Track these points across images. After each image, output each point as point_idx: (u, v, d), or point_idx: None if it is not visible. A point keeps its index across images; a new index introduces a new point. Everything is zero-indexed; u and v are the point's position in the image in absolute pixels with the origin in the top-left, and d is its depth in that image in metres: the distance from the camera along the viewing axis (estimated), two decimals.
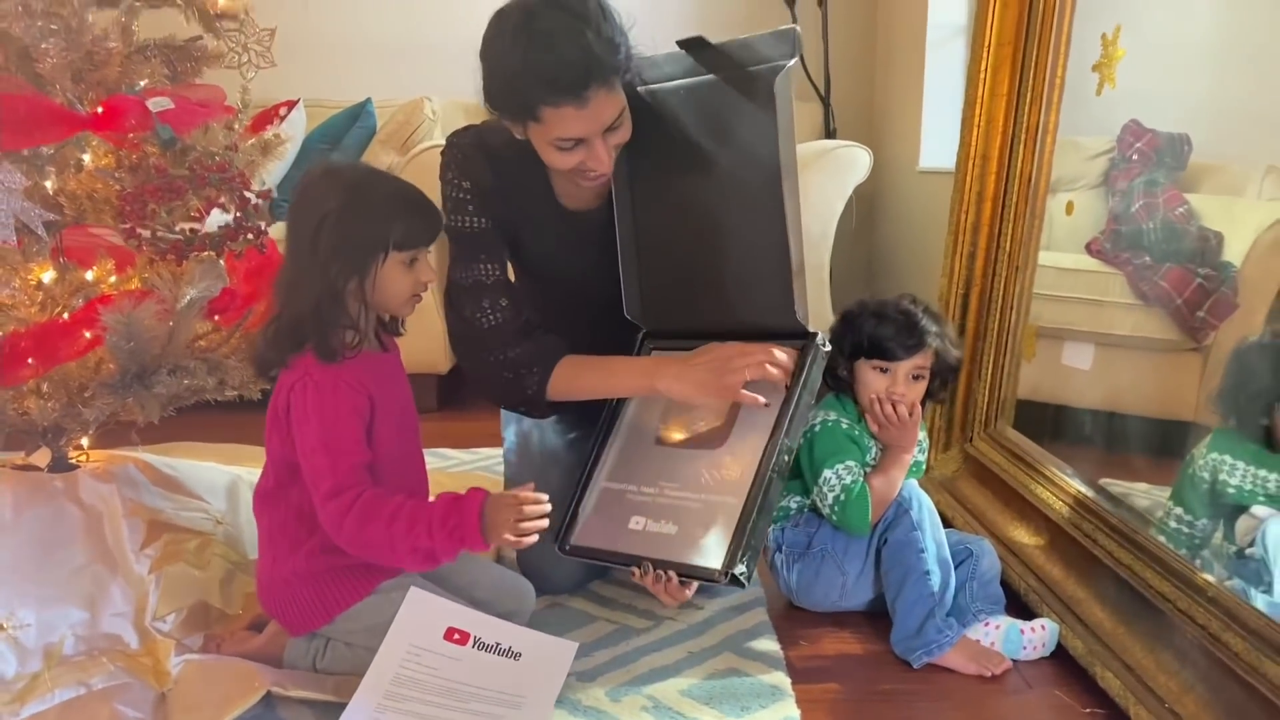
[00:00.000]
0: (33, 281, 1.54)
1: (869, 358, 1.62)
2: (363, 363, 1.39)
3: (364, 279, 1.36)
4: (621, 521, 1.52)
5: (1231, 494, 1.44)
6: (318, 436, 1.34)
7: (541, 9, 1.37)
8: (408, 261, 1.39)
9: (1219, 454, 1.48)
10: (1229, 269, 1.69)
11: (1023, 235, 2.01)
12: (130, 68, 1.61)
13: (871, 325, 1.62)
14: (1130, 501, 1.64)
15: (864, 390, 1.64)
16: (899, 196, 3.25)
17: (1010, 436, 1.99)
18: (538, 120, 1.41)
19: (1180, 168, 1.88)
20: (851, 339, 1.63)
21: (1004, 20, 2.00)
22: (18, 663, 1.38)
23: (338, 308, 1.36)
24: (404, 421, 1.48)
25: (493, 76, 1.42)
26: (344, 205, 1.34)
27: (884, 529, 1.59)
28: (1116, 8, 1.77)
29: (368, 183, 1.39)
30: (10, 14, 1.44)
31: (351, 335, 1.38)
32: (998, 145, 2.05)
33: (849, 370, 1.65)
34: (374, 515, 1.30)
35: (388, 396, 1.42)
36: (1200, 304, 1.73)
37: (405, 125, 3.00)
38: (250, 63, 1.85)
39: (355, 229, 1.35)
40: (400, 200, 1.39)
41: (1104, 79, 1.75)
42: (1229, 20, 1.70)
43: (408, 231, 1.37)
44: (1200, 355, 1.71)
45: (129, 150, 1.55)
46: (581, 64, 1.36)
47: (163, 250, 1.54)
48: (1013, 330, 2.04)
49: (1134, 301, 1.88)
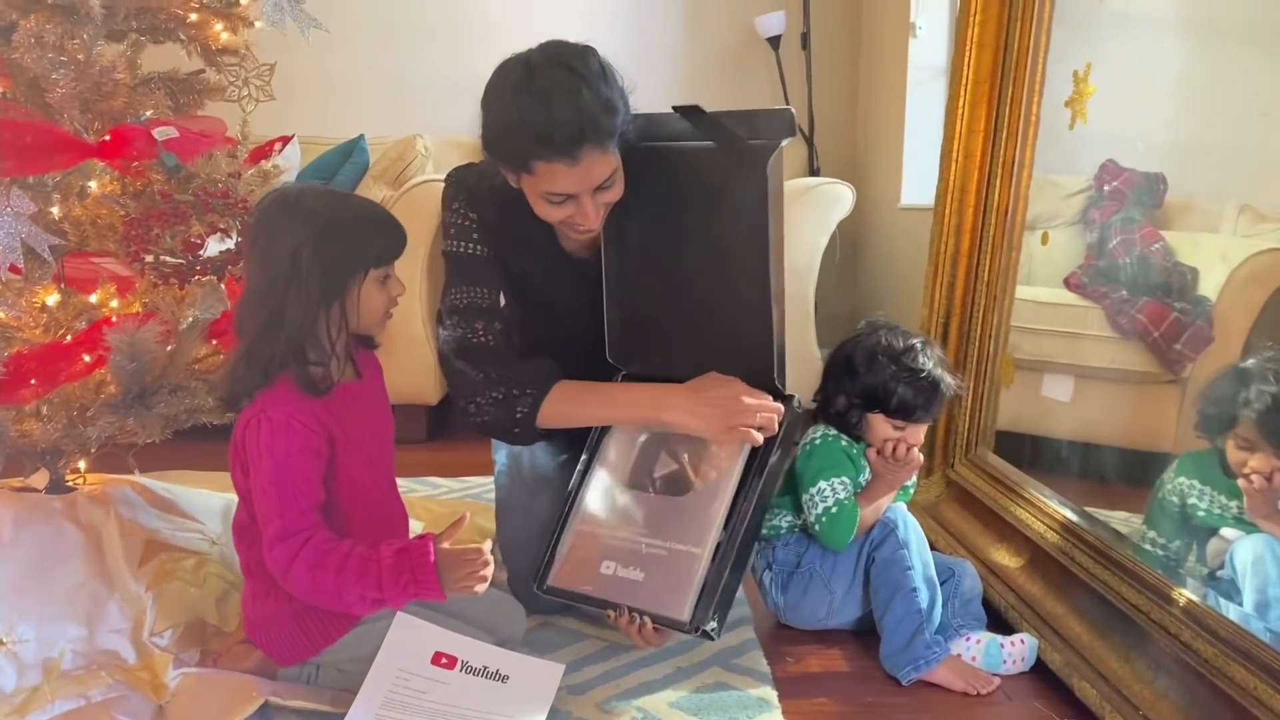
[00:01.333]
0: (37, 304, 1.58)
1: (890, 415, 1.64)
2: (330, 396, 1.38)
3: (345, 301, 1.36)
4: (594, 565, 1.54)
5: (1201, 517, 1.48)
6: (269, 475, 1.33)
7: (543, 66, 1.40)
8: (382, 278, 1.40)
9: (1186, 479, 1.52)
10: (1204, 303, 1.74)
11: (1000, 266, 2.07)
12: (136, 99, 1.66)
13: (896, 387, 1.62)
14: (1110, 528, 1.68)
15: (873, 437, 1.66)
16: (881, 232, 3.32)
17: (991, 461, 2.04)
18: (530, 172, 1.43)
19: (1156, 205, 1.93)
20: (868, 394, 1.64)
21: (980, 60, 2.07)
22: (17, 676, 1.40)
23: (314, 335, 1.35)
24: (378, 450, 1.47)
25: (490, 125, 1.45)
26: (320, 231, 1.33)
27: (871, 549, 1.63)
28: (1087, 46, 1.85)
29: (337, 205, 1.38)
30: (23, 45, 1.48)
31: (333, 364, 1.37)
32: (975, 179, 2.11)
33: (859, 418, 1.66)
34: (323, 564, 1.29)
35: (357, 428, 1.41)
36: (1177, 337, 1.78)
37: (398, 161, 3.05)
38: (250, 96, 1.90)
39: (335, 252, 1.34)
40: (371, 219, 1.40)
41: (1076, 114, 1.82)
42: (1197, 60, 1.77)
43: (384, 247, 1.39)
44: (1178, 387, 1.76)
45: (134, 178, 1.59)
46: (576, 124, 1.38)
47: (165, 274, 1.58)
48: (992, 359, 2.09)
49: (1112, 335, 1.93)
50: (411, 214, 2.72)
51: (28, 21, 1.50)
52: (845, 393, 1.66)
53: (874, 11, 3.46)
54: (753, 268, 1.49)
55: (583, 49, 1.44)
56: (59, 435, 1.59)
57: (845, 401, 1.67)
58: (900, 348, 1.64)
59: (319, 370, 1.35)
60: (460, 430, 2.83)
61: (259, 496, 1.34)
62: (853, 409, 1.66)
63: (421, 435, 2.87)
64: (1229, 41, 1.71)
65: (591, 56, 1.43)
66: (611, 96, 1.43)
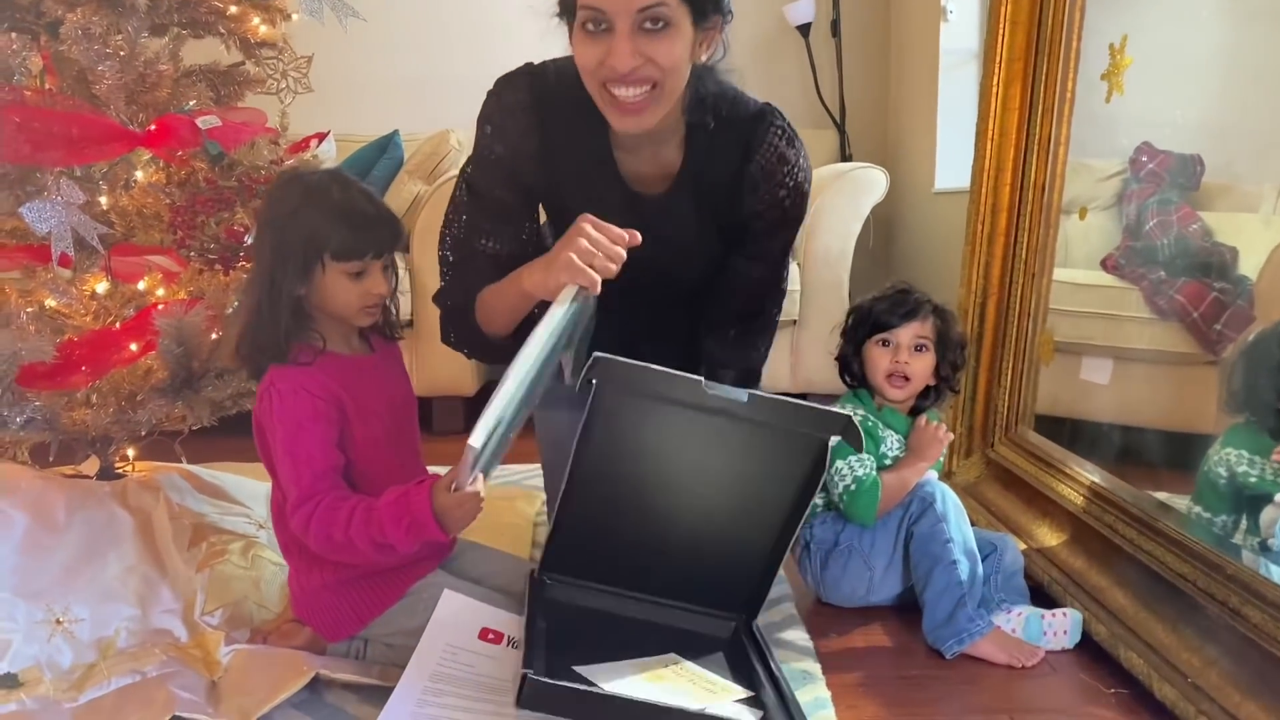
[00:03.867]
0: (87, 292, 1.61)
1: (871, 334, 1.70)
2: (334, 367, 1.39)
3: (304, 285, 1.36)
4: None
5: (1254, 484, 1.47)
6: (283, 444, 1.34)
7: None
8: (352, 273, 1.37)
9: (1234, 449, 1.51)
10: (1245, 283, 1.73)
11: (1037, 244, 2.06)
12: (179, 90, 1.70)
13: (870, 304, 1.72)
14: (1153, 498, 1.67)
15: (874, 370, 1.70)
16: (915, 217, 3.31)
17: (1031, 439, 2.03)
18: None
19: (1193, 187, 1.92)
20: (856, 327, 1.73)
21: (1014, 37, 2.06)
22: (74, 655, 1.43)
23: (281, 311, 1.34)
24: (393, 421, 1.46)
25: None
26: (290, 212, 1.35)
27: (910, 523, 1.63)
28: (1122, 17, 1.84)
29: (318, 191, 1.37)
30: (70, 38, 1.52)
31: (314, 338, 1.38)
32: (1011, 157, 2.10)
33: (859, 360, 1.72)
34: (333, 521, 1.31)
35: (369, 399, 1.41)
36: (1217, 317, 1.77)
37: (432, 156, 3.08)
38: (288, 89, 1.94)
39: (294, 236, 1.34)
40: (342, 212, 1.35)
41: (1112, 87, 1.81)
42: (1236, 37, 1.76)
43: (343, 244, 1.35)
44: (1218, 368, 1.75)
45: (179, 166, 1.62)
46: None
47: (210, 261, 1.61)
48: (1030, 337, 2.08)
49: (1150, 316, 1.92)
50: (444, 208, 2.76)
51: (74, 15, 1.53)
52: (847, 341, 1.75)
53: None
54: (764, 517, 1.43)
55: None
56: (109, 421, 1.62)
57: (846, 346, 1.75)
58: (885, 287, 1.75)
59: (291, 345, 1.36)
60: None
61: (278, 465, 1.37)
62: (852, 355, 1.73)
63: (459, 426, 2.89)
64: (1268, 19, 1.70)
65: None
66: None
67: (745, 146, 1.50)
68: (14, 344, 1.45)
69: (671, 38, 1.32)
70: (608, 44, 1.31)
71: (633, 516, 1.42)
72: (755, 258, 1.59)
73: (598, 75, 1.35)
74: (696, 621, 1.46)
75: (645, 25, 1.30)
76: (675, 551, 1.44)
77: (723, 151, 1.50)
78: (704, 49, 1.40)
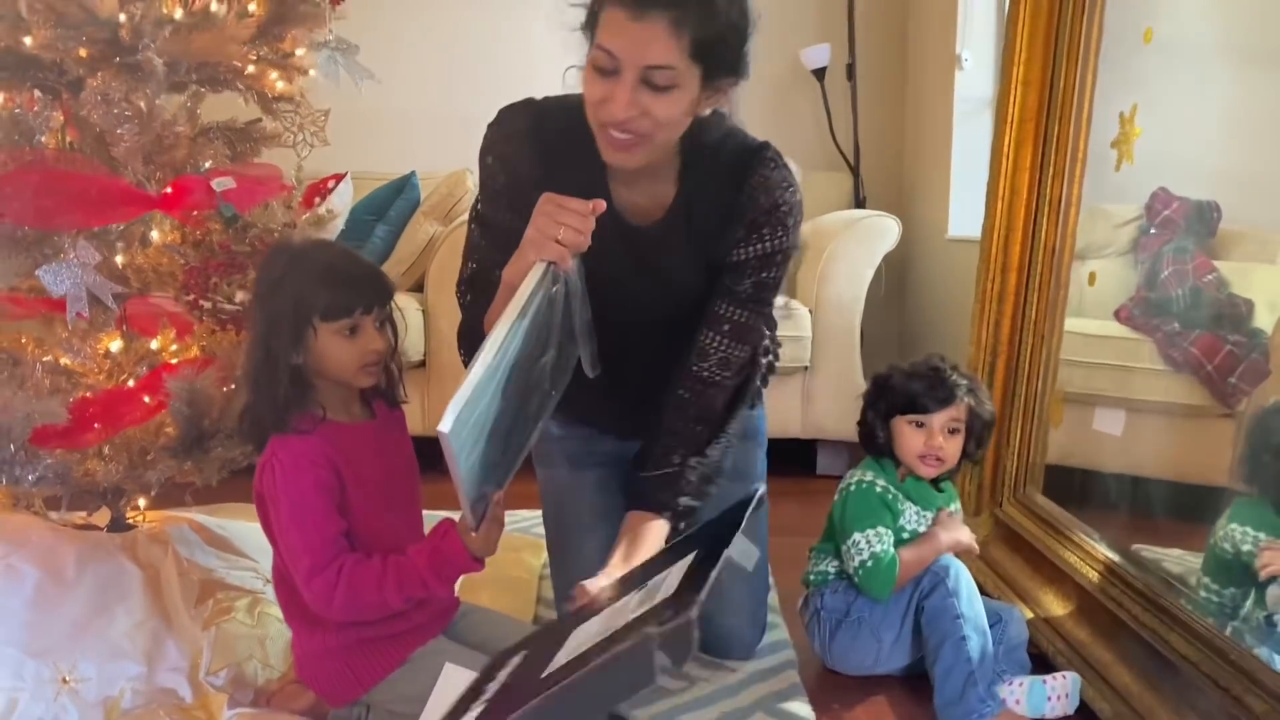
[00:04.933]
0: (101, 350, 1.63)
1: (904, 413, 1.68)
2: (334, 435, 1.40)
3: (299, 351, 1.37)
4: None
5: (1253, 562, 1.46)
6: (289, 515, 1.36)
7: None
8: (345, 331, 1.38)
9: (1239, 525, 1.50)
10: (1260, 335, 1.72)
11: (1047, 304, 2.06)
12: (195, 149, 1.72)
13: (904, 382, 1.68)
14: (1163, 567, 1.66)
15: (904, 448, 1.68)
16: (929, 263, 3.31)
17: (1039, 502, 2.02)
18: (596, 28, 1.34)
19: (1210, 234, 1.91)
20: (886, 400, 1.70)
21: (1026, 98, 2.07)
22: (79, 715, 1.45)
23: (279, 380, 1.36)
24: (391, 489, 1.47)
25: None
26: (278, 279, 1.38)
27: (921, 597, 1.62)
28: (1133, 87, 1.84)
29: (301, 257, 1.40)
30: (89, 103, 1.54)
31: (315, 408, 1.39)
32: (1022, 217, 2.11)
33: (886, 432, 1.70)
34: (362, 585, 1.34)
35: (363, 466, 1.42)
36: (1231, 370, 1.76)
37: (448, 197, 3.10)
38: (305, 141, 1.96)
39: (283, 302, 1.36)
40: (327, 272, 1.38)
41: (1122, 155, 1.82)
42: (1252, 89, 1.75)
43: (332, 303, 1.36)
44: (1234, 421, 1.74)
45: (193, 227, 1.64)
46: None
47: (223, 321, 1.63)
48: (1039, 397, 2.08)
49: (1164, 368, 1.92)
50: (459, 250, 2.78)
51: (95, 80, 1.56)
52: (875, 412, 1.71)
53: (919, 43, 3.46)
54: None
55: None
56: (120, 476, 1.64)
57: (872, 417, 1.72)
58: (922, 359, 1.72)
59: (292, 414, 1.38)
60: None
61: (282, 537, 1.38)
62: (878, 427, 1.70)
63: None
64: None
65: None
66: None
67: (738, 178, 1.49)
68: (28, 405, 1.48)
69: (673, 99, 1.34)
70: (612, 87, 1.32)
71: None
72: (736, 297, 1.54)
73: (596, 114, 1.37)
74: None
75: (649, 81, 1.32)
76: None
77: (716, 184, 1.50)
78: (709, 104, 1.41)
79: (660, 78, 1.31)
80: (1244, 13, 1.81)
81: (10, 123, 1.59)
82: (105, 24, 1.53)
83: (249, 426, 1.41)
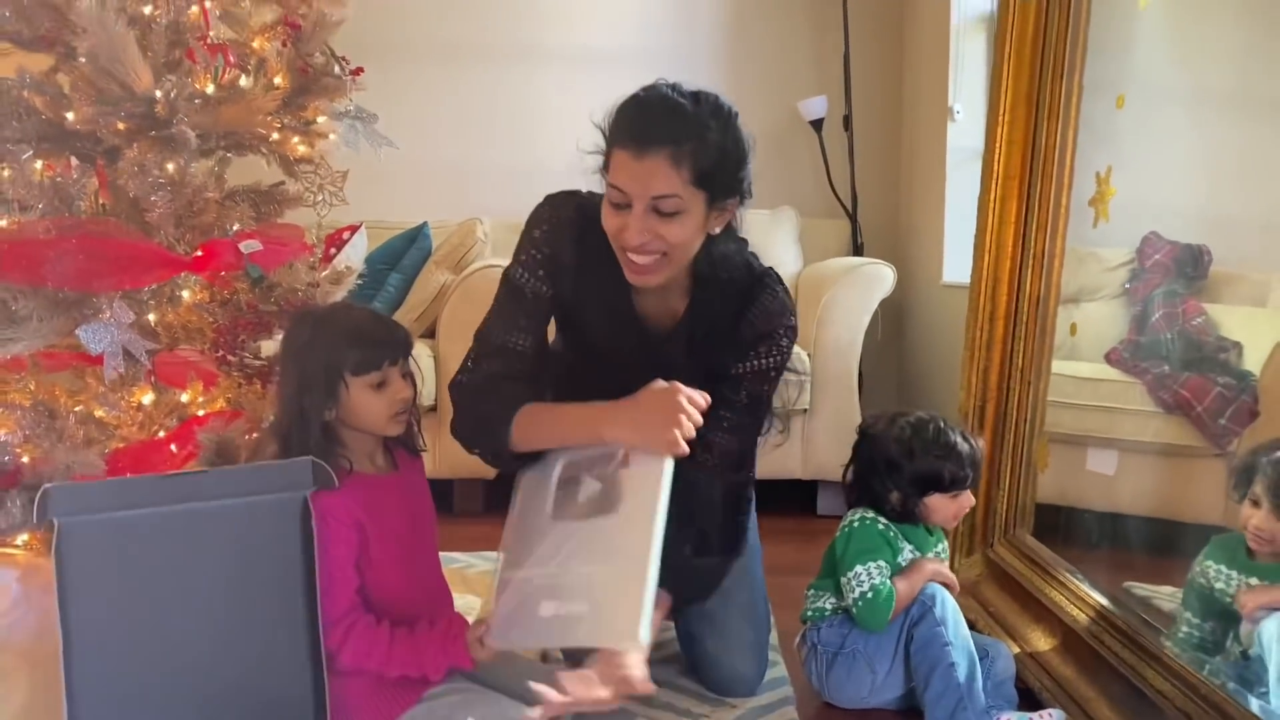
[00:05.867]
0: (134, 403, 1.73)
1: (946, 491, 1.76)
2: (359, 487, 1.49)
3: (331, 406, 1.48)
4: (532, 609, 1.41)
5: (1229, 603, 1.52)
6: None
7: (684, 89, 1.49)
8: (374, 385, 1.48)
9: (1212, 562, 1.57)
10: (1248, 378, 1.79)
11: (1033, 351, 2.14)
12: (224, 213, 1.82)
13: (943, 466, 1.75)
14: (1153, 605, 1.72)
15: (940, 516, 1.78)
16: (925, 308, 3.40)
17: (1029, 543, 2.10)
18: (609, 169, 1.50)
19: (1201, 277, 1.98)
20: (925, 478, 1.75)
21: (1010, 156, 2.17)
22: None
23: (311, 436, 1.46)
24: (412, 536, 1.56)
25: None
26: (306, 341, 1.49)
27: (910, 626, 1.70)
28: (1107, 149, 1.93)
29: (330, 317, 1.53)
30: (126, 172, 1.65)
31: (343, 462, 1.48)
32: (1008, 268, 2.20)
33: (919, 504, 1.77)
34: (372, 646, 1.44)
35: (387, 517, 1.51)
36: (1221, 412, 1.82)
37: (459, 247, 3.21)
38: (325, 201, 2.06)
39: (314, 364, 1.47)
40: (354, 331, 1.49)
41: (1099, 214, 1.91)
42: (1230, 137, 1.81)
43: (362, 359, 1.47)
44: (1225, 461, 1.81)
45: (222, 287, 1.74)
46: (656, 121, 1.45)
47: (249, 375, 1.73)
48: (1027, 441, 2.16)
49: (1155, 409, 1.98)
50: (470, 299, 2.88)
51: (131, 151, 1.66)
52: (897, 488, 1.77)
53: (913, 96, 3.57)
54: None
55: (726, 101, 1.51)
56: None
57: (900, 496, 1.77)
58: (929, 433, 1.76)
59: (341, 463, 1.48)
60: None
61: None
62: (909, 499, 1.76)
63: (478, 508, 2.96)
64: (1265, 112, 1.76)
65: (724, 101, 1.51)
66: (718, 133, 1.47)
67: (743, 299, 1.64)
68: (67, 456, 1.57)
69: (681, 222, 1.49)
70: (626, 218, 1.48)
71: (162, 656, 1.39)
72: (732, 406, 1.64)
73: (616, 241, 1.53)
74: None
75: (658, 209, 1.47)
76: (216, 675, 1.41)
77: (721, 304, 1.64)
78: (717, 224, 1.56)
79: (666, 205, 1.47)
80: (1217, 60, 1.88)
81: (51, 190, 1.69)
82: (142, 99, 1.63)
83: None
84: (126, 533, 1.37)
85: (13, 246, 1.61)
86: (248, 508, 1.42)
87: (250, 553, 1.42)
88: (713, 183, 1.49)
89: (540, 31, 3.68)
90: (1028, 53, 2.13)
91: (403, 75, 3.59)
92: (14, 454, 1.62)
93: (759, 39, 3.68)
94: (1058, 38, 2.07)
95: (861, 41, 3.59)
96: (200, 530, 1.40)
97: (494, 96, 3.69)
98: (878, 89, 3.67)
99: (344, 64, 1.90)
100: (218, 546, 1.41)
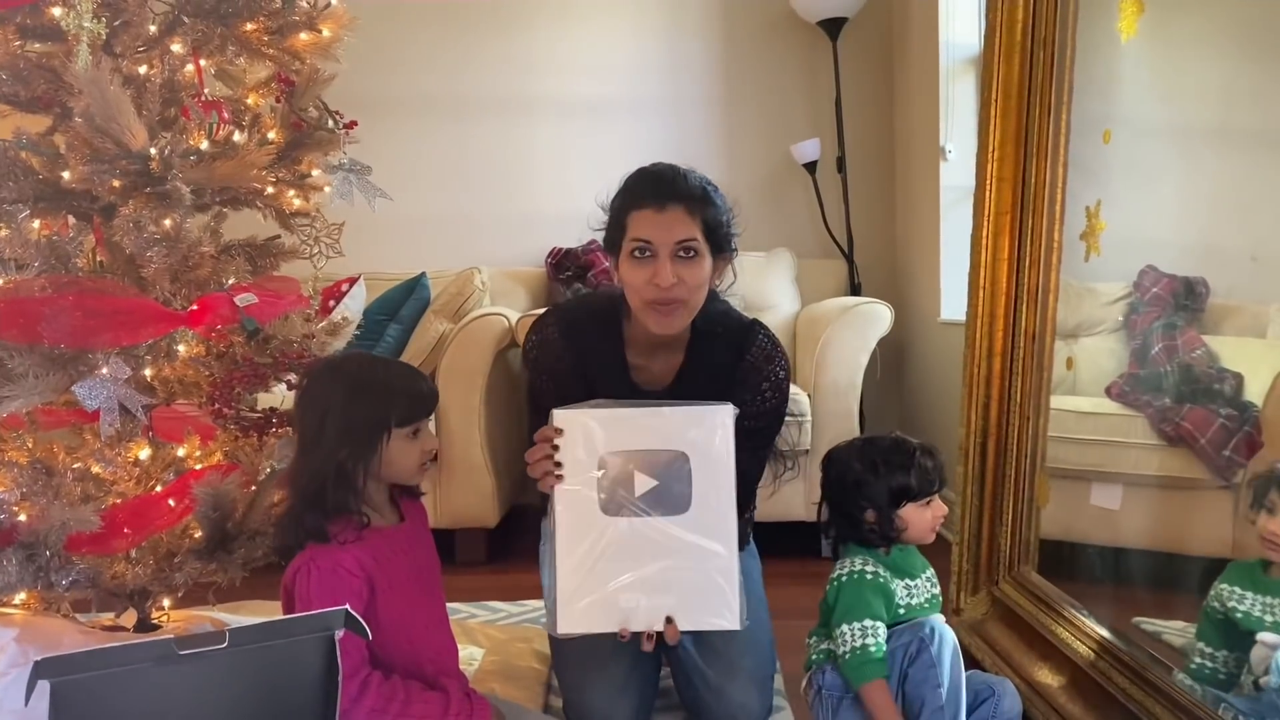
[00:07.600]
0: (130, 459, 1.73)
1: (916, 500, 1.71)
2: (372, 540, 1.50)
3: (372, 458, 1.50)
4: (612, 602, 1.51)
5: (1240, 619, 1.50)
6: None
7: (659, 164, 1.72)
8: (411, 434, 1.53)
9: (1229, 585, 1.55)
10: (1250, 409, 1.79)
11: (1030, 387, 2.14)
12: (219, 267, 1.83)
13: (905, 473, 1.70)
14: (1163, 640, 1.70)
15: (918, 529, 1.72)
16: (923, 346, 3.41)
17: (1034, 580, 2.08)
18: (624, 231, 1.67)
19: (1199, 309, 1.98)
20: (895, 489, 1.71)
21: (1001, 193, 2.19)
22: None
23: (347, 488, 1.48)
24: (418, 583, 1.57)
25: (608, 211, 1.73)
26: (347, 395, 1.49)
27: (907, 663, 1.68)
28: (1096, 184, 1.95)
29: (367, 371, 1.54)
30: (121, 229, 1.66)
31: (361, 517, 1.49)
32: (1003, 304, 2.20)
33: (894, 519, 1.71)
34: (384, 710, 1.44)
35: (396, 567, 1.52)
36: (1224, 443, 1.81)
37: (457, 296, 3.22)
38: (320, 253, 2.07)
39: (359, 414, 1.49)
40: (397, 384, 1.53)
41: (1090, 248, 1.92)
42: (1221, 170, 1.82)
43: (406, 410, 1.52)
44: (1231, 492, 1.79)
45: (217, 340, 1.75)
46: (669, 183, 1.67)
47: (246, 428, 1.73)
48: (1029, 476, 2.15)
49: (1157, 442, 1.97)
50: (469, 347, 2.90)
51: (127, 208, 1.68)
52: (871, 504, 1.72)
53: (905, 136, 3.61)
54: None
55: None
56: (148, 578, 1.72)
57: (875, 513, 1.72)
58: (885, 444, 1.74)
59: (339, 524, 1.48)
60: (520, 554, 2.93)
61: None
62: (883, 515, 1.72)
63: (481, 558, 2.96)
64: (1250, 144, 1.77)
65: (705, 179, 1.72)
66: (709, 193, 1.69)
67: (738, 349, 1.80)
68: (63, 514, 1.57)
69: (698, 264, 1.67)
70: (653, 267, 1.65)
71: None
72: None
73: (644, 293, 1.67)
74: None
75: (679, 254, 1.65)
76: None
77: (718, 354, 1.78)
78: (719, 275, 1.76)
79: (687, 246, 1.66)
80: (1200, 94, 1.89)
81: (48, 249, 1.71)
82: (137, 157, 1.65)
83: (289, 539, 1.49)
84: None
85: (9, 304, 1.62)
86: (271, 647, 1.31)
87: (274, 690, 1.31)
88: (715, 236, 1.69)
89: (534, 82, 3.73)
90: (1014, 91, 2.16)
91: (398, 127, 3.64)
92: (11, 511, 1.62)
93: (751, 84, 3.72)
94: (1043, 76, 2.09)
95: (853, 84, 3.63)
96: (220, 669, 1.28)
97: (489, 147, 3.73)
98: (870, 131, 3.70)
99: (338, 117, 1.93)
100: (238, 683, 1.29)
